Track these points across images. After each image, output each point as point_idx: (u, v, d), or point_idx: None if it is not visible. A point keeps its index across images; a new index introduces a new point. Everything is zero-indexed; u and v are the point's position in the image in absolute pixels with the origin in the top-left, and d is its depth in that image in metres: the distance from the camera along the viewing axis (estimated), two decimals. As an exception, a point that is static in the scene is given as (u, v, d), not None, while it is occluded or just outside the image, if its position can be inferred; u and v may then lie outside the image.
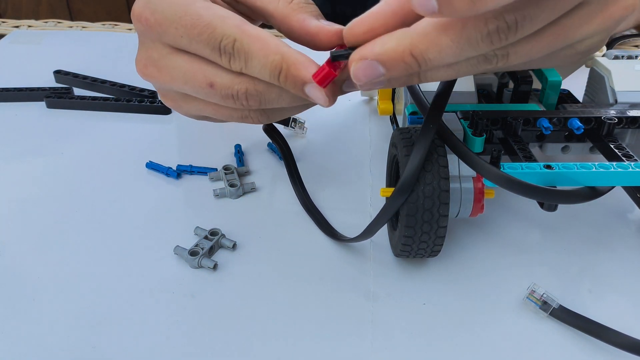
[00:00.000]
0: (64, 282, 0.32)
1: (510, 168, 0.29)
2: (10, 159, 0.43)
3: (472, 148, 0.32)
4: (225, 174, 0.40)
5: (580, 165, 0.29)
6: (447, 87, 0.31)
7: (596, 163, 0.29)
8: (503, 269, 0.33)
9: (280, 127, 0.44)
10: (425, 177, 0.29)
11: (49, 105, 0.49)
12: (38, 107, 0.49)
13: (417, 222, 0.29)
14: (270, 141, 0.43)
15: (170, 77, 0.31)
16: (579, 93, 0.41)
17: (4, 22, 0.66)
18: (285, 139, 0.42)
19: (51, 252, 0.34)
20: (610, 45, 0.44)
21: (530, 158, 0.31)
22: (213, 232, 0.35)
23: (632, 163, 0.29)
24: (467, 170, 0.32)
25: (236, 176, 0.40)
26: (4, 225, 0.36)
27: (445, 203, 0.29)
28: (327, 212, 0.37)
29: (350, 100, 0.50)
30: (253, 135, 0.45)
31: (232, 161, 0.42)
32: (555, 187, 0.28)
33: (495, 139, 0.35)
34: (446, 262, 0.34)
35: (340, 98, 0.29)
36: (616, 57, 0.40)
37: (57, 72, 0.53)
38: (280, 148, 0.42)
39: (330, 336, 0.30)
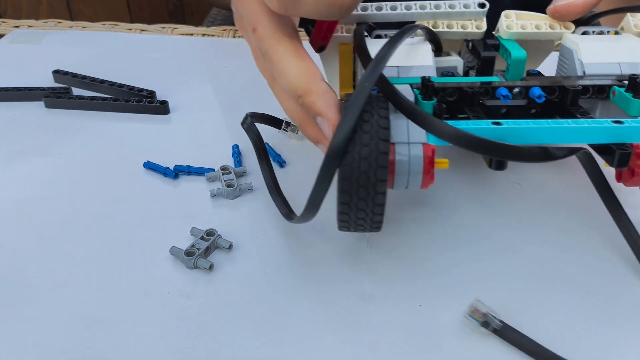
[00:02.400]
0: (59, 282, 0.32)
1: (457, 124, 0.27)
2: (8, 159, 0.43)
3: None
4: (223, 174, 0.40)
5: (532, 121, 0.27)
6: (389, 46, 0.30)
7: (551, 120, 0.28)
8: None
9: (273, 131, 0.44)
10: (362, 138, 0.27)
11: (48, 105, 0.49)
12: (36, 107, 0.49)
13: (352, 186, 0.28)
14: (266, 143, 0.43)
15: None
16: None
17: (4, 22, 0.66)
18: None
19: (47, 251, 0.34)
20: (588, 21, 0.43)
21: (479, 117, 0.30)
22: (209, 233, 0.35)
23: (589, 119, 0.28)
24: (416, 137, 0.30)
25: (233, 176, 0.40)
26: (0, 225, 0.36)
27: (383, 166, 0.27)
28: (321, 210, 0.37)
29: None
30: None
31: (230, 162, 0.42)
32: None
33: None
34: (444, 263, 0.34)
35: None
36: (585, 33, 0.39)
37: (56, 72, 0.53)
38: (254, 140, 0.41)
39: (325, 337, 0.29)
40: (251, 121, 0.42)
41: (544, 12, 0.39)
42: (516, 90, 0.33)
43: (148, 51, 0.59)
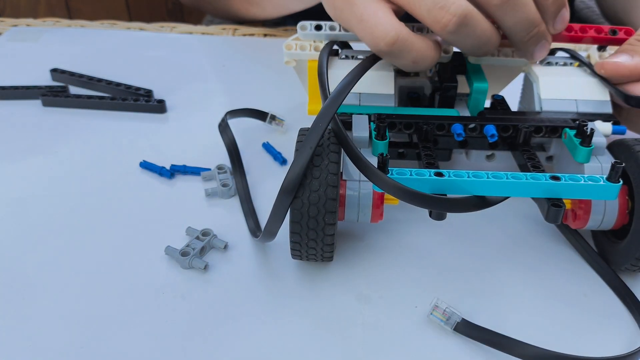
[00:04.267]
0: (54, 281, 0.32)
1: (399, 174, 0.28)
2: (5, 157, 0.42)
3: (376, 151, 0.32)
4: (219, 173, 0.40)
5: (472, 173, 0.28)
6: (348, 80, 0.30)
7: (490, 172, 0.28)
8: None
9: (274, 128, 0.44)
10: (311, 184, 0.28)
11: (45, 104, 0.49)
12: (34, 105, 0.49)
13: (302, 228, 0.29)
14: (266, 141, 0.43)
15: None
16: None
17: (2, 20, 0.66)
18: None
19: (42, 250, 0.34)
20: (554, 51, 0.42)
21: (432, 165, 0.31)
22: (205, 233, 0.35)
23: (529, 174, 0.28)
24: None
25: (229, 176, 0.39)
26: (-5, 224, 0.36)
27: (331, 212, 0.28)
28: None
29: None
30: (248, 134, 0.44)
31: (227, 161, 0.42)
32: (444, 195, 0.28)
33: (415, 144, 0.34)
34: (441, 264, 0.34)
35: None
36: (549, 64, 0.38)
37: (54, 71, 0.53)
38: (227, 145, 0.42)
39: (320, 338, 0.29)
40: (226, 124, 0.42)
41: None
42: (471, 126, 0.33)
43: (146, 49, 0.59)
